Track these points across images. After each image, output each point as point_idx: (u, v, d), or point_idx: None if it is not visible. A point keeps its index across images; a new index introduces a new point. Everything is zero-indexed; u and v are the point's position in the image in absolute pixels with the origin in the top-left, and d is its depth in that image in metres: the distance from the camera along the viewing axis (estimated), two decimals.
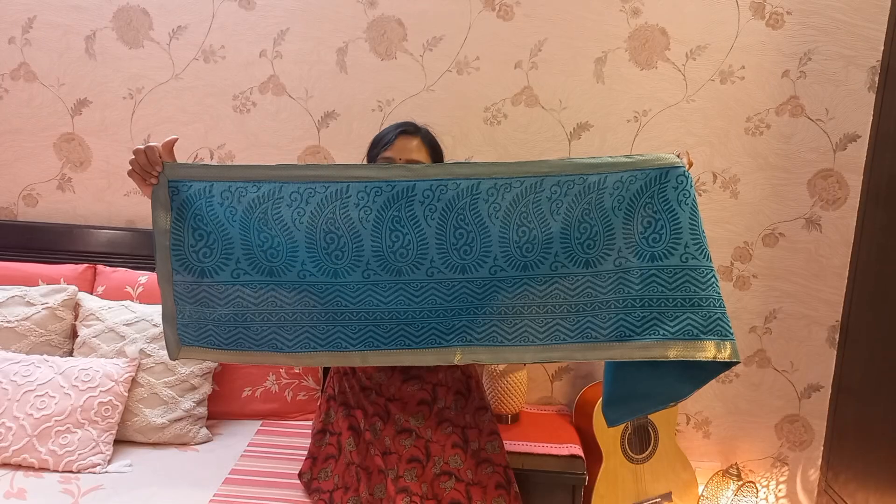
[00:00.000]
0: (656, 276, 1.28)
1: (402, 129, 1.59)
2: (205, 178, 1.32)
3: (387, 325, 1.33)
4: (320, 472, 1.63)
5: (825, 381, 2.26)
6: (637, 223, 1.29)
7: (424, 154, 1.60)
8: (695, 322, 1.26)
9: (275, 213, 1.30)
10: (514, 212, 1.31)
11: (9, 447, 1.70)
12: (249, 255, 1.32)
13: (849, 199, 2.15)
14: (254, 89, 2.22)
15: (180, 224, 1.32)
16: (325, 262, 1.31)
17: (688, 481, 2.17)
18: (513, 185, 1.31)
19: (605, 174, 1.30)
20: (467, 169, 1.33)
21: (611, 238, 1.30)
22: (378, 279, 1.32)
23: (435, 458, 1.56)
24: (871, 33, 2.06)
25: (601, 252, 1.31)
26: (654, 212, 1.29)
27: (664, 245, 1.28)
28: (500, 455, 1.63)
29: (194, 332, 1.36)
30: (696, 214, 1.30)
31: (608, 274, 1.30)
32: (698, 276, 1.27)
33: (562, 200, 1.30)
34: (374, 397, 1.62)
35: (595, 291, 1.31)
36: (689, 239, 1.28)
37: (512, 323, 1.33)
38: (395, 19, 2.15)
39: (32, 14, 2.22)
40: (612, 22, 2.11)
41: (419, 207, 1.31)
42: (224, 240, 1.32)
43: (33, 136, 2.29)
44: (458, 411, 1.63)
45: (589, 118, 2.16)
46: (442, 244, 1.32)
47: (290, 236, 1.31)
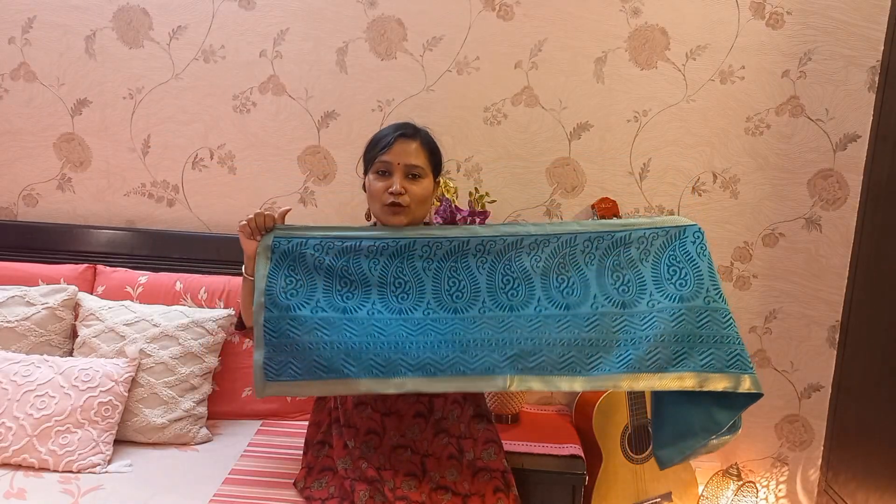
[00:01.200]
0: (686, 315, 1.46)
1: (400, 131, 1.56)
2: (303, 236, 1.55)
3: (443, 353, 1.48)
4: (314, 482, 1.62)
5: (825, 381, 2.26)
6: (664, 270, 1.50)
7: (423, 158, 1.57)
8: (718, 356, 1.44)
9: (355, 262, 1.54)
10: (553, 262, 1.53)
11: (9, 447, 1.70)
12: (328, 296, 1.53)
13: (849, 199, 2.15)
14: (254, 89, 2.22)
15: (276, 271, 1.53)
16: (391, 302, 1.52)
17: (688, 481, 2.17)
18: (550, 240, 1.54)
19: (630, 230, 1.52)
20: (511, 228, 1.57)
21: (642, 283, 1.50)
22: (437, 316, 1.52)
23: (431, 473, 1.56)
24: (871, 33, 2.06)
25: (636, 295, 1.50)
26: (677, 261, 1.50)
27: (690, 290, 1.47)
28: (497, 461, 1.62)
29: (275, 367, 1.50)
30: (713, 265, 1.51)
31: (643, 314, 1.48)
32: (719, 316, 1.46)
33: (594, 253, 1.53)
34: (368, 412, 1.60)
35: (633, 328, 1.48)
36: (710, 284, 1.48)
37: (560, 354, 1.48)
38: (395, 19, 2.15)
39: (32, 14, 2.22)
40: (612, 22, 2.11)
41: (472, 259, 1.55)
42: (309, 283, 1.53)
43: (33, 136, 2.29)
44: (454, 421, 1.62)
45: (589, 118, 2.16)
46: (491, 287, 1.53)
47: (365, 280, 1.53)
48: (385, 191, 1.53)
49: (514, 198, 2.22)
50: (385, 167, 1.54)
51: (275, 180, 2.26)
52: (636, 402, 2.06)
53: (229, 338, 2.05)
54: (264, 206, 2.27)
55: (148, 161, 2.28)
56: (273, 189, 2.27)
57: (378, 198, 1.55)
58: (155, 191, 2.30)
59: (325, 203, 2.27)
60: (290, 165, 2.25)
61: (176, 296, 2.07)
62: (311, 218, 2.26)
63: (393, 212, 1.54)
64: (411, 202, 1.54)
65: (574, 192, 2.21)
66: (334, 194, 2.26)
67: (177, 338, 1.92)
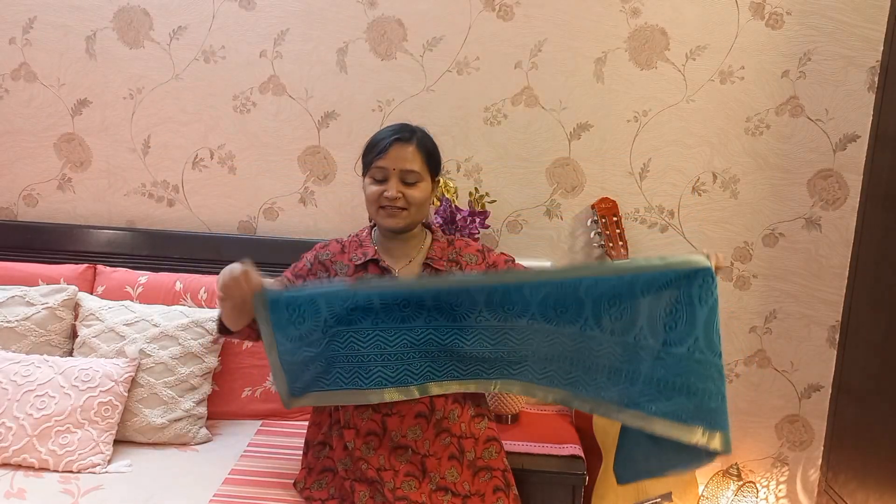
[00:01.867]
0: (664, 359, 1.42)
1: (396, 136, 1.55)
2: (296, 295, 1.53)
3: (442, 362, 1.57)
4: (314, 482, 1.62)
5: (825, 381, 2.26)
6: (661, 308, 1.43)
7: (419, 161, 1.56)
8: (684, 407, 1.41)
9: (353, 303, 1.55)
10: (552, 294, 1.51)
11: (9, 447, 1.70)
12: (333, 314, 1.53)
13: (848, 199, 2.15)
14: (254, 89, 2.22)
15: (277, 308, 1.50)
16: (395, 312, 1.54)
17: (688, 481, 2.17)
18: (554, 283, 1.53)
19: (640, 274, 1.45)
20: (515, 276, 1.59)
21: (636, 315, 1.46)
22: (437, 324, 1.55)
23: (431, 474, 1.55)
24: (870, 33, 2.06)
25: (627, 324, 1.46)
26: (676, 301, 1.42)
27: (677, 334, 1.41)
28: (497, 460, 1.62)
29: (300, 386, 1.58)
30: (714, 314, 1.41)
31: (627, 345, 1.46)
32: (701, 368, 1.40)
33: (597, 286, 1.48)
34: (369, 413, 1.59)
35: (614, 357, 1.48)
36: (701, 334, 1.40)
37: (542, 366, 1.55)
38: (395, 19, 2.15)
39: (33, 14, 2.22)
40: (612, 22, 2.11)
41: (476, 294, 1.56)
42: (314, 312, 1.51)
43: (33, 136, 2.30)
44: (454, 421, 1.63)
45: (589, 118, 2.17)
46: (491, 304, 1.55)
47: (368, 301, 1.53)
48: (380, 195, 1.54)
49: (514, 198, 2.22)
50: (381, 173, 1.54)
51: (275, 180, 2.26)
52: None
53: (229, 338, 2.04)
54: (264, 206, 2.28)
55: (148, 161, 2.28)
56: (273, 189, 2.27)
57: (374, 202, 1.56)
58: (155, 191, 2.30)
59: (325, 203, 2.27)
60: (290, 165, 2.25)
61: (176, 296, 2.07)
62: (312, 218, 2.27)
63: (389, 215, 1.55)
64: (409, 206, 1.55)
65: (574, 192, 2.21)
66: (334, 194, 2.26)
67: (177, 338, 1.92)
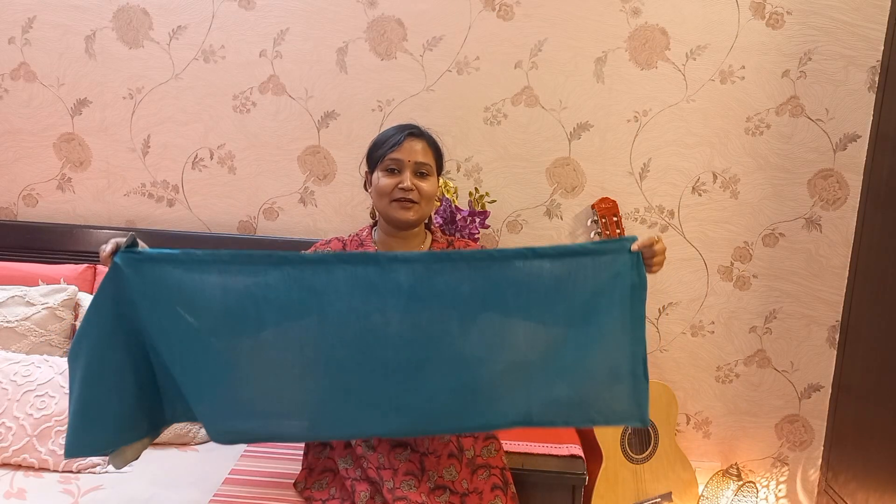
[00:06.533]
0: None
1: (409, 131, 1.58)
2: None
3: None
4: (315, 483, 1.62)
5: (825, 381, 2.26)
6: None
7: (430, 156, 1.59)
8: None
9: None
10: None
11: (9, 447, 1.70)
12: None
13: (849, 199, 2.15)
14: (254, 89, 2.22)
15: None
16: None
17: (688, 481, 2.17)
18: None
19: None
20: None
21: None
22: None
23: (429, 472, 1.56)
24: (871, 33, 2.06)
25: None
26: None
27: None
28: (496, 458, 1.63)
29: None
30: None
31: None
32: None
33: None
34: None
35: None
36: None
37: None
38: (395, 19, 2.15)
39: (32, 14, 2.22)
40: (612, 22, 2.11)
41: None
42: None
43: (33, 136, 2.29)
44: None
45: (589, 118, 2.16)
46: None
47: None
48: (395, 187, 1.54)
49: (514, 198, 2.22)
50: (395, 164, 1.55)
51: (275, 180, 2.26)
52: None
53: None
54: (264, 206, 2.28)
55: (148, 161, 2.28)
56: (273, 189, 2.27)
57: (388, 194, 1.55)
58: (155, 191, 2.30)
59: (324, 203, 2.27)
60: (290, 165, 2.25)
61: None
62: (311, 218, 2.27)
63: (403, 207, 1.55)
64: (421, 199, 1.56)
65: (574, 192, 2.21)
66: (334, 194, 2.26)
67: None
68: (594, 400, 1.43)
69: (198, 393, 1.38)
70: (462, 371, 1.40)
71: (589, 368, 1.41)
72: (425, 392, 1.39)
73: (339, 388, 1.39)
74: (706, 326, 2.25)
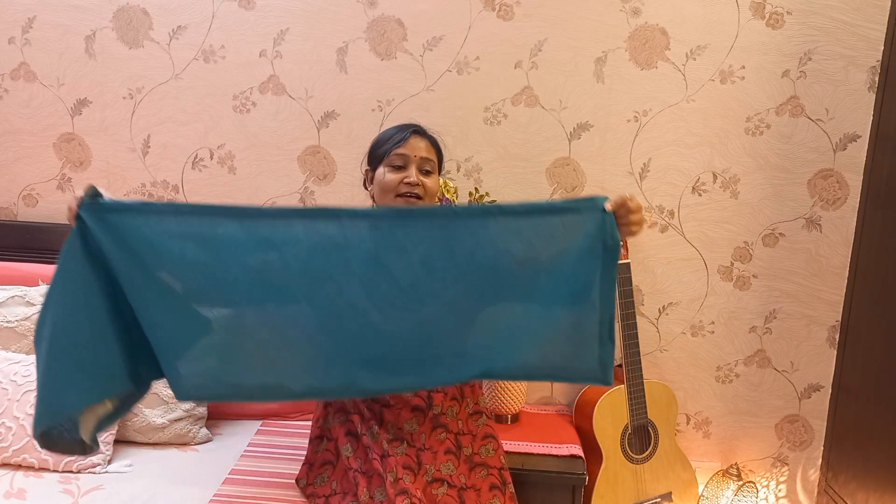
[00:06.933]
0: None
1: (414, 128, 1.61)
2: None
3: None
4: (316, 477, 1.62)
5: (825, 381, 2.26)
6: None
7: (433, 154, 1.63)
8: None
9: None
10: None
11: (9, 447, 1.70)
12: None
13: (849, 199, 2.15)
14: (254, 89, 2.22)
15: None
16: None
17: (688, 481, 2.17)
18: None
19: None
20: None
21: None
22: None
23: (426, 466, 1.56)
24: (871, 33, 2.06)
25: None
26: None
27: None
28: (494, 458, 1.63)
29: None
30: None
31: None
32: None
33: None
34: (369, 403, 1.61)
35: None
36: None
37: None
38: (395, 19, 2.15)
39: (32, 14, 2.22)
40: (612, 22, 2.11)
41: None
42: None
43: (33, 136, 2.29)
44: (452, 417, 1.63)
45: (589, 118, 2.16)
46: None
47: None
48: (401, 181, 1.55)
49: (513, 198, 2.22)
50: (401, 160, 1.57)
51: (275, 180, 2.26)
52: (636, 401, 2.06)
53: None
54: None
55: (148, 161, 2.28)
56: (273, 189, 2.27)
57: (393, 189, 1.56)
58: (155, 191, 2.30)
59: (325, 203, 2.27)
60: (290, 165, 2.25)
61: None
62: None
63: (407, 202, 1.56)
64: (425, 195, 1.57)
65: (574, 192, 2.21)
66: (334, 194, 2.26)
67: None
68: (558, 359, 1.42)
69: (161, 346, 1.34)
70: (426, 327, 1.38)
71: (555, 328, 1.39)
72: (389, 347, 1.37)
73: (302, 345, 1.36)
74: (706, 326, 2.25)
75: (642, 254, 2.21)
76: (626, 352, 2.04)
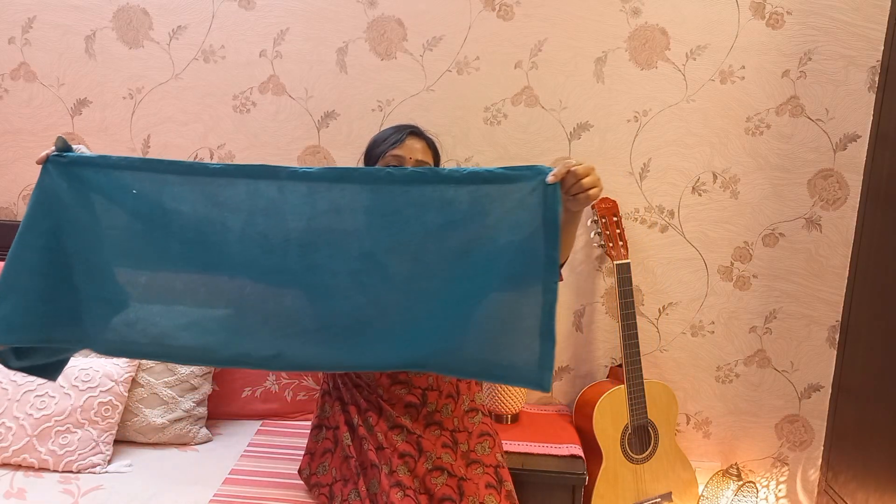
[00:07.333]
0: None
1: (410, 129, 1.61)
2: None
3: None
4: (318, 466, 1.63)
5: (825, 381, 2.26)
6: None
7: (430, 156, 1.62)
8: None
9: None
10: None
11: (9, 447, 1.70)
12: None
13: (849, 199, 2.15)
14: (254, 89, 2.22)
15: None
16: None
17: (688, 481, 2.18)
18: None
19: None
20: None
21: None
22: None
23: (427, 453, 1.56)
24: (871, 33, 2.06)
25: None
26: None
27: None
28: (490, 456, 1.62)
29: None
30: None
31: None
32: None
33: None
34: (366, 394, 1.62)
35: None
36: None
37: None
38: (395, 19, 2.15)
39: (32, 14, 2.22)
40: (612, 22, 2.11)
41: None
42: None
43: (33, 136, 2.29)
44: (447, 415, 1.63)
45: (589, 118, 2.16)
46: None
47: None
48: None
49: None
50: (397, 161, 1.57)
51: None
52: (636, 401, 2.06)
53: None
54: None
55: None
56: None
57: None
58: None
59: None
60: (290, 165, 2.25)
61: None
62: None
63: None
64: None
65: None
66: None
67: None
68: (493, 352, 1.29)
69: (98, 298, 1.33)
70: (354, 299, 1.31)
71: (490, 314, 1.28)
72: (317, 318, 1.32)
73: (235, 309, 1.34)
74: (706, 326, 2.25)
75: (642, 254, 2.21)
76: (626, 352, 2.04)
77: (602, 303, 2.25)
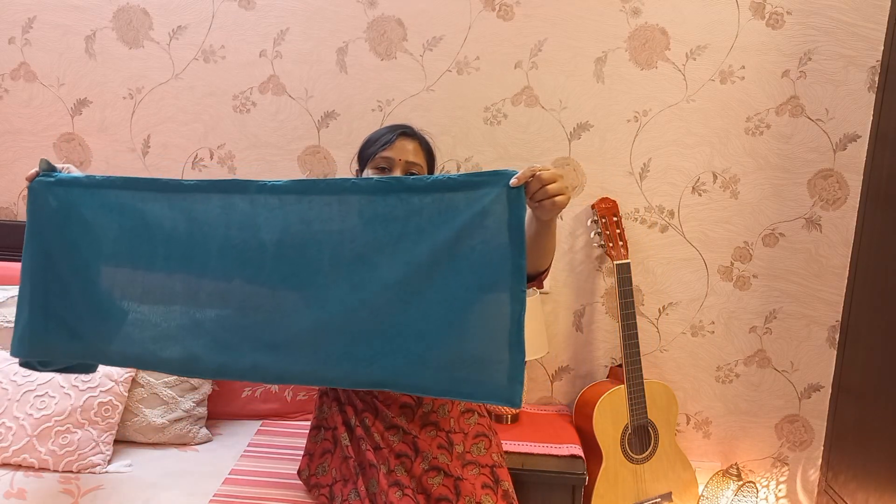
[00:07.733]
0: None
1: (402, 130, 1.59)
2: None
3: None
4: (318, 467, 1.63)
5: (825, 381, 2.26)
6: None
7: (422, 157, 1.59)
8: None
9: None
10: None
11: (9, 447, 1.70)
12: None
13: (849, 199, 2.15)
14: (254, 89, 2.22)
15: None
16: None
17: (688, 481, 2.18)
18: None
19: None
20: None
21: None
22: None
23: (423, 453, 1.56)
24: (871, 33, 2.06)
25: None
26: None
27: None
28: (486, 456, 1.62)
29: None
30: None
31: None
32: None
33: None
34: (362, 394, 1.62)
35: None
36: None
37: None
38: (395, 19, 2.15)
39: (32, 14, 2.22)
40: (612, 22, 2.11)
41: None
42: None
43: (33, 136, 2.29)
44: (444, 416, 1.63)
45: (589, 118, 2.16)
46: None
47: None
48: None
49: None
50: (386, 163, 1.55)
51: None
52: (636, 401, 2.06)
53: None
54: None
55: (148, 161, 2.28)
56: None
57: None
58: None
59: None
60: (290, 165, 2.25)
61: None
62: None
63: None
64: None
65: (574, 193, 2.21)
66: None
67: None
68: (458, 367, 1.27)
69: (91, 313, 1.39)
70: (322, 311, 1.31)
71: (456, 327, 1.26)
72: (288, 330, 1.33)
73: (217, 321, 1.36)
74: (706, 326, 2.25)
75: (642, 254, 2.21)
76: (626, 352, 2.04)
77: (602, 303, 2.26)
